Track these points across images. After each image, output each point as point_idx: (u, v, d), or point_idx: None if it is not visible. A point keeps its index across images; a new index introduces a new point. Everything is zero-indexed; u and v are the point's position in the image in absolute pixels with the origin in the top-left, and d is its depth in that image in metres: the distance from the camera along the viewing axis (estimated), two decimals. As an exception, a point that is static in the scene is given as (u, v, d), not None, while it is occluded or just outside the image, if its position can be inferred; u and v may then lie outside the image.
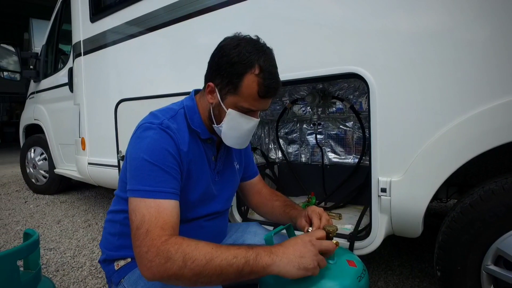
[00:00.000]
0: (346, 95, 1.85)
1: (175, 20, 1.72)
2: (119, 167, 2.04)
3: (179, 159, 0.84)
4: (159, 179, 0.79)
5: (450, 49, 1.01)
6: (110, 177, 2.22)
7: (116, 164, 2.06)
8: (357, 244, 1.21)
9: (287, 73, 1.26)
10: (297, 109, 2.10)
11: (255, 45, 0.85)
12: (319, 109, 2.00)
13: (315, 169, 2.07)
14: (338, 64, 1.21)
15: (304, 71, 1.28)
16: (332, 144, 2.03)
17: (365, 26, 1.15)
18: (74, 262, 1.85)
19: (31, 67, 3.50)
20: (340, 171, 1.95)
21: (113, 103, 2.05)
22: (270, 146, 2.26)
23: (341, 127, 1.98)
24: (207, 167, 0.96)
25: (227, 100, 0.87)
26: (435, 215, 2.30)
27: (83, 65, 2.43)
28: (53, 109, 3.14)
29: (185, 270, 0.69)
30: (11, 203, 3.17)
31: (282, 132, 2.21)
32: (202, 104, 0.95)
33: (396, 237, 1.27)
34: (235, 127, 0.91)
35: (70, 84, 2.68)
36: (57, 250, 2.01)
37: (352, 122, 1.93)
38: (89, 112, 2.44)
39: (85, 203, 3.09)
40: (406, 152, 1.09)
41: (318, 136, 2.04)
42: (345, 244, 1.23)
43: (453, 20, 1.01)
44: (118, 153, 2.01)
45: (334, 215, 1.62)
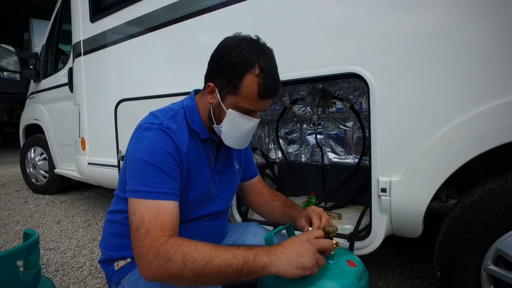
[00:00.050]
0: (346, 95, 1.85)
1: (175, 20, 1.72)
2: (119, 167, 2.04)
3: (179, 159, 0.84)
4: (159, 180, 0.79)
5: (450, 49, 1.01)
6: (110, 177, 2.22)
7: (116, 164, 2.06)
8: (357, 244, 1.21)
9: (287, 73, 1.26)
10: (297, 109, 2.10)
11: (255, 45, 0.85)
12: (319, 109, 2.00)
13: (315, 169, 2.07)
14: (338, 64, 1.21)
15: (304, 71, 1.28)
16: (332, 144, 2.03)
17: (365, 26, 1.15)
18: (74, 262, 1.85)
19: (31, 67, 3.49)
20: (340, 171, 1.94)
21: (113, 103, 2.05)
22: (270, 146, 2.26)
23: (341, 127, 1.98)
24: (207, 167, 0.96)
25: (227, 100, 0.87)
26: (435, 215, 2.30)
27: (83, 65, 2.43)
28: (53, 109, 3.14)
29: (184, 270, 0.69)
30: (11, 203, 3.17)
31: (282, 132, 2.21)
32: (202, 104, 0.95)
33: (396, 237, 1.27)
34: (235, 128, 0.90)
35: (70, 84, 2.68)
36: (57, 250, 2.01)
37: (352, 122, 1.93)
38: (89, 112, 2.44)
39: (85, 203, 3.09)
40: (406, 152, 1.09)
41: (318, 136, 2.04)
42: (345, 244, 1.23)
43: (453, 20, 1.01)
44: (118, 153, 2.01)
45: (334, 215, 1.62)
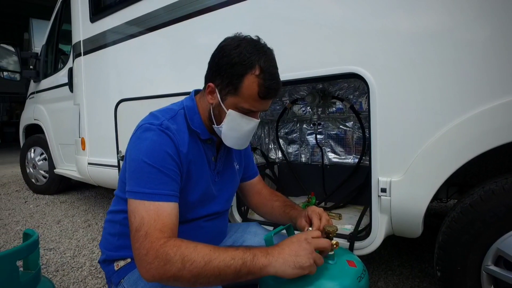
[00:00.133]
0: (346, 95, 1.84)
1: (175, 20, 1.72)
2: (119, 167, 2.04)
3: (179, 160, 0.84)
4: (158, 181, 0.79)
5: (450, 49, 1.00)
6: (110, 177, 2.22)
7: (116, 164, 2.06)
8: (357, 244, 1.21)
9: (287, 73, 1.26)
10: (297, 109, 2.10)
11: (255, 45, 0.85)
12: (319, 109, 2.00)
13: (315, 169, 2.07)
14: (338, 64, 1.21)
15: (304, 71, 1.28)
16: (332, 144, 2.03)
17: (365, 26, 1.15)
18: (74, 262, 1.85)
19: (31, 67, 3.49)
20: (340, 171, 1.94)
21: (113, 103, 2.05)
22: (270, 146, 2.26)
23: (341, 127, 1.98)
24: (207, 167, 0.96)
25: (227, 101, 0.87)
26: (435, 215, 2.30)
27: (83, 65, 2.43)
28: (53, 109, 3.14)
29: (183, 271, 0.69)
30: (11, 203, 3.17)
31: (282, 132, 2.21)
32: (202, 104, 0.95)
33: (396, 237, 1.27)
34: (235, 128, 0.90)
35: (70, 84, 2.68)
36: (57, 250, 2.01)
37: (352, 122, 1.93)
38: (89, 112, 2.44)
39: (85, 203, 3.09)
40: (406, 152, 1.09)
41: (318, 136, 2.04)
42: (345, 244, 1.23)
43: (453, 20, 1.01)
44: (118, 153, 2.01)
45: (334, 215, 1.62)
